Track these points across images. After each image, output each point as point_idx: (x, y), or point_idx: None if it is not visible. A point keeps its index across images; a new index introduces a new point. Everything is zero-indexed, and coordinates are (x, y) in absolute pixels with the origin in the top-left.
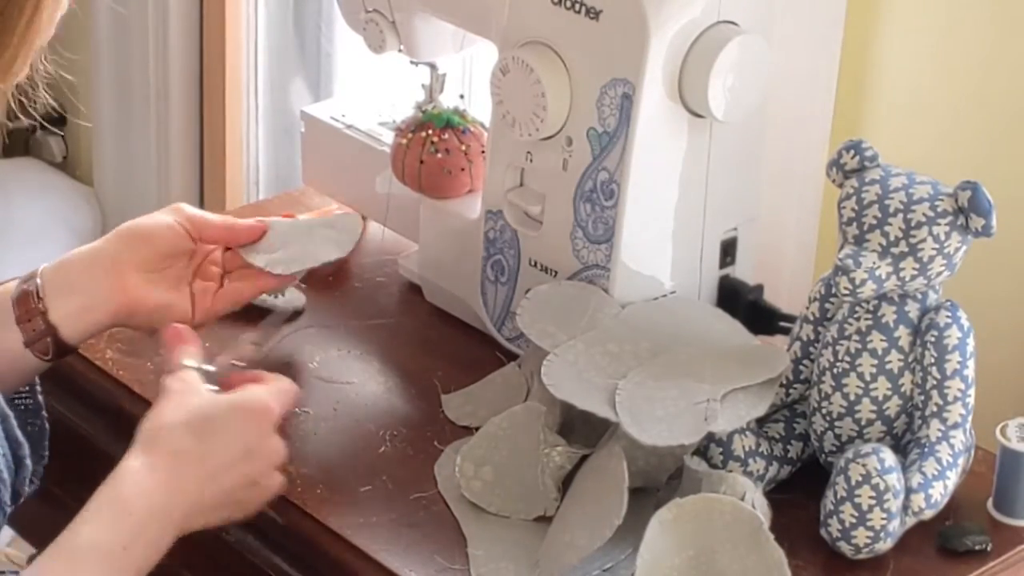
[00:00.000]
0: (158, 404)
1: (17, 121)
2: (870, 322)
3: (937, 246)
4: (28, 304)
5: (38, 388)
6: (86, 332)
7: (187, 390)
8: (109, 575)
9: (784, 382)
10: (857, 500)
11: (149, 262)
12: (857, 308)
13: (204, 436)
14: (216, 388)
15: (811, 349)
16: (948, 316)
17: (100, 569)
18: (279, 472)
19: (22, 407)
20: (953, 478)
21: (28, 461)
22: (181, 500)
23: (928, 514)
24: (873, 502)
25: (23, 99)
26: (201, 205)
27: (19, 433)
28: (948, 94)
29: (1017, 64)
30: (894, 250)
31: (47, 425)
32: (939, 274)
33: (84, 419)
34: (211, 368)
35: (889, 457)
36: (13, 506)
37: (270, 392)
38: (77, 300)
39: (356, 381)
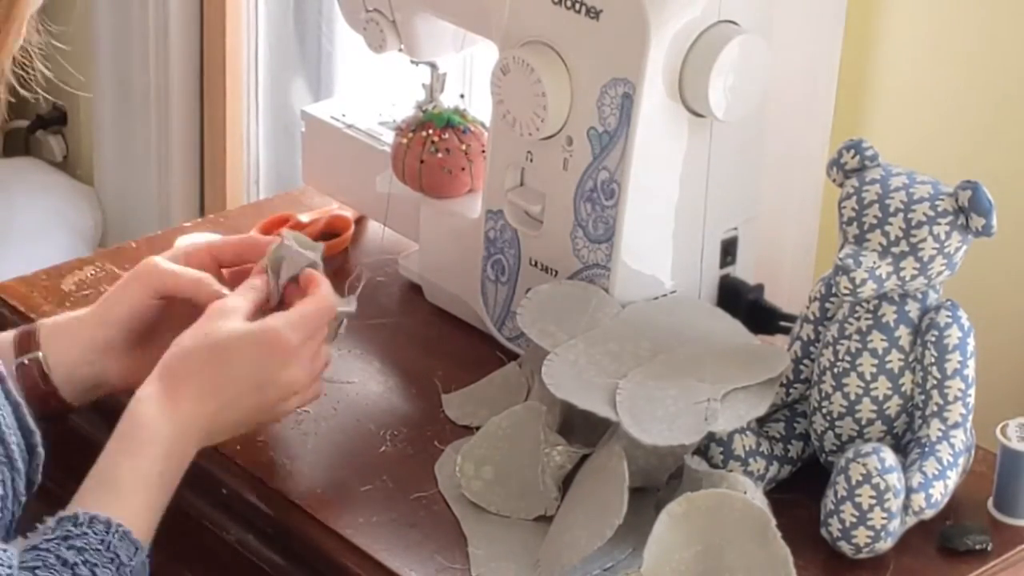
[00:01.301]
0: (186, 332)
1: (17, 120)
2: (870, 322)
3: (937, 246)
4: (32, 378)
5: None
6: (86, 400)
7: (214, 316)
8: (151, 497)
9: (784, 382)
10: (858, 500)
11: (134, 336)
12: (857, 308)
13: (219, 366)
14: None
15: (811, 349)
16: (948, 316)
17: (144, 496)
18: (305, 391)
19: None
20: (953, 478)
21: (40, 449)
22: (198, 424)
23: (928, 514)
24: (873, 502)
25: (23, 93)
26: (201, 205)
27: (31, 421)
28: (948, 94)
29: (1017, 64)
30: (894, 250)
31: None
32: (939, 274)
33: (84, 418)
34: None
35: (889, 457)
36: (28, 495)
37: (290, 322)
38: (79, 385)
39: (356, 381)
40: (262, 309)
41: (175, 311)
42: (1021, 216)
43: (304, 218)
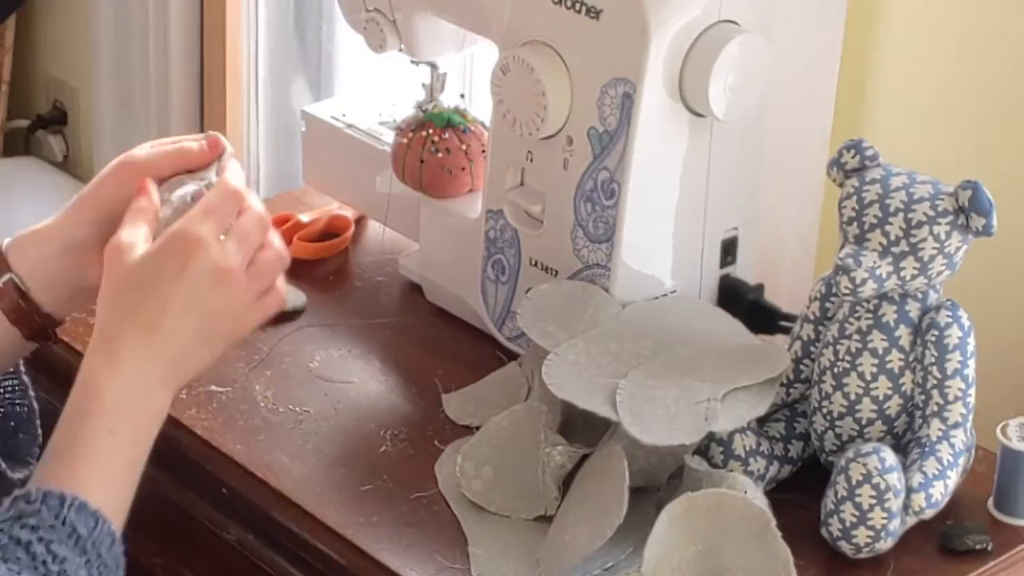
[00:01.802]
0: (102, 284)
1: (17, 120)
2: (871, 321)
3: (938, 245)
4: (11, 299)
5: (22, 369)
6: (71, 308)
7: (114, 254)
8: (108, 461)
9: (785, 381)
10: (858, 499)
11: (110, 232)
12: (858, 307)
13: (141, 297)
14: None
15: (812, 348)
16: (949, 315)
17: (98, 459)
18: (257, 286)
19: (10, 388)
20: (954, 477)
21: (38, 432)
22: (149, 367)
23: (929, 513)
24: (874, 501)
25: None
26: None
27: (34, 402)
28: (948, 93)
29: (1017, 63)
30: (895, 249)
31: (35, 404)
32: (940, 273)
33: None
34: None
35: (890, 456)
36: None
37: (191, 217)
38: (62, 292)
39: (357, 380)
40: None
41: None
42: (1021, 216)
43: (304, 218)
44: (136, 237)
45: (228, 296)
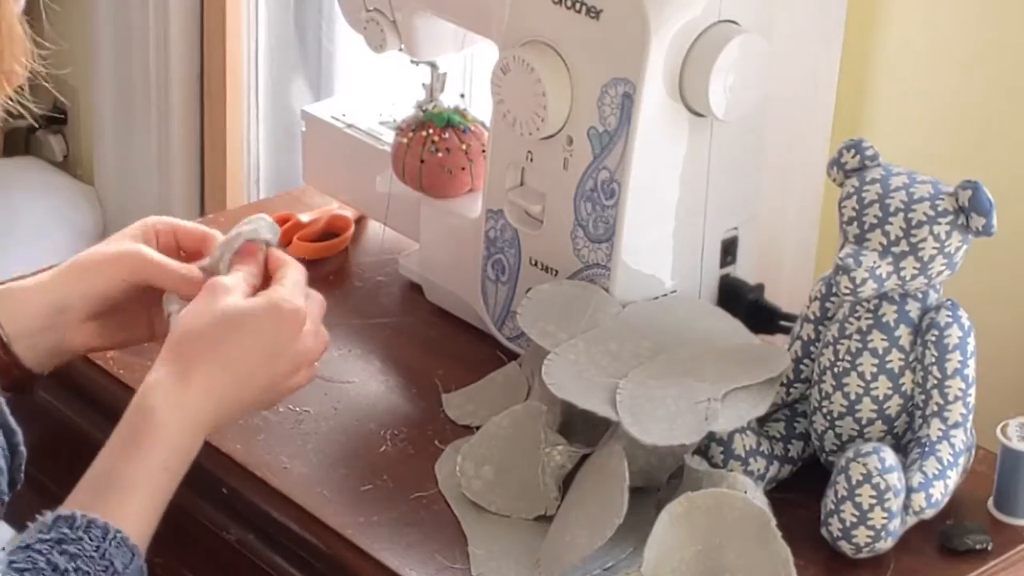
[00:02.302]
0: (187, 311)
1: (17, 120)
2: (871, 321)
3: (938, 245)
4: None
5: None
6: (51, 365)
7: (217, 292)
8: (154, 495)
9: (785, 381)
10: (858, 499)
11: (100, 308)
12: (858, 307)
13: (232, 339)
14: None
15: (812, 348)
16: (949, 315)
17: (147, 496)
18: (308, 368)
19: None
20: (954, 477)
21: (23, 448)
22: (212, 405)
23: (929, 513)
24: (874, 501)
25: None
26: (201, 204)
27: (12, 420)
28: (949, 93)
29: (1018, 63)
30: (895, 249)
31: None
32: (940, 273)
33: (85, 418)
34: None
35: (890, 456)
36: (11, 493)
37: (290, 290)
38: (42, 349)
39: (357, 380)
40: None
41: (146, 292)
42: (1021, 216)
43: (304, 218)
44: (238, 282)
45: (299, 370)
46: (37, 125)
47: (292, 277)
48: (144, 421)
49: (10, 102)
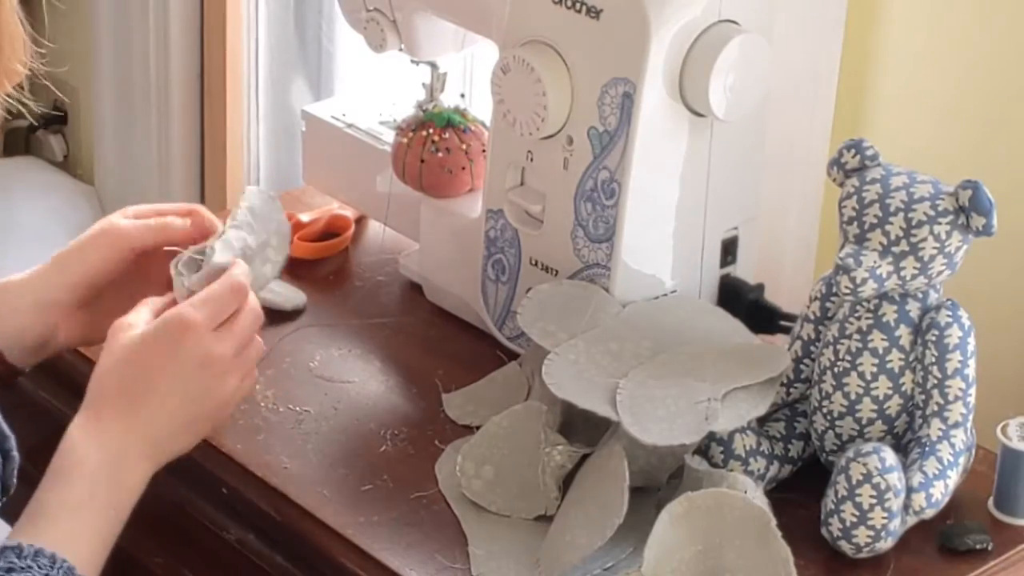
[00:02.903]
0: (100, 356)
1: (17, 120)
2: (871, 321)
3: (938, 245)
4: None
5: None
6: (35, 361)
7: (115, 332)
8: (87, 524)
9: (785, 381)
10: (858, 499)
11: (86, 296)
12: (858, 307)
13: (133, 374)
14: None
15: (812, 348)
16: (949, 315)
17: (78, 524)
18: (238, 371)
19: None
20: (954, 477)
21: (15, 454)
22: (135, 437)
23: (929, 513)
24: (874, 501)
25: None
26: (202, 204)
27: (5, 426)
28: (949, 93)
29: (1018, 63)
30: (895, 249)
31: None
32: (940, 273)
33: None
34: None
35: (890, 456)
36: (4, 498)
37: (191, 303)
38: (27, 345)
39: (357, 380)
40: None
41: (127, 271)
42: (1021, 215)
43: (304, 218)
44: (139, 319)
45: (214, 381)
46: (36, 124)
47: (204, 291)
48: (68, 457)
49: (9, 100)
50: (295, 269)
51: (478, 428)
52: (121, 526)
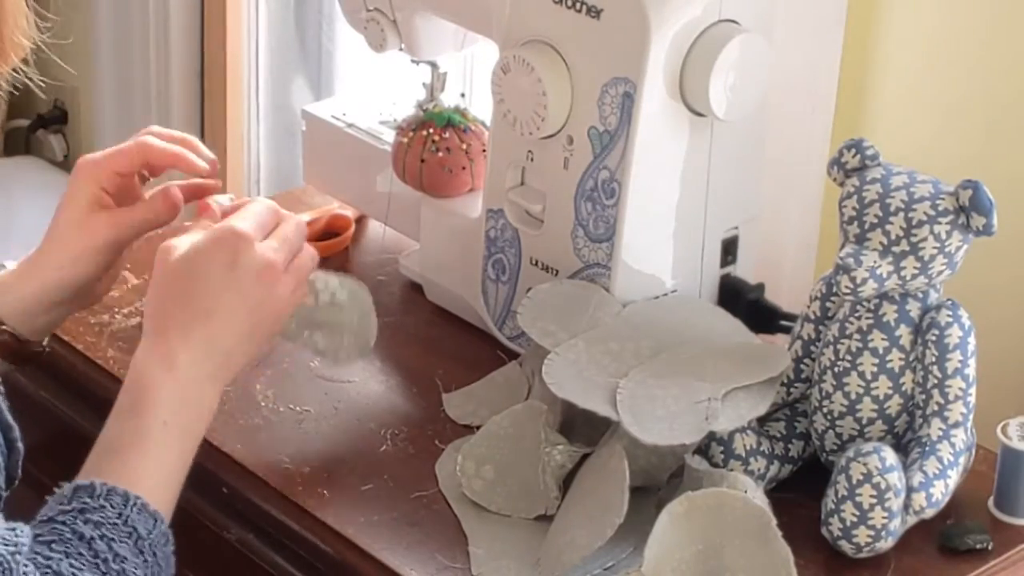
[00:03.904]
0: (150, 285)
1: (18, 120)
2: (871, 321)
3: (938, 245)
4: None
5: None
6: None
7: (164, 254)
8: (160, 454)
9: (785, 381)
10: (858, 499)
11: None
12: (858, 307)
13: (197, 288)
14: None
15: (812, 348)
16: (949, 315)
17: (153, 456)
18: (292, 283)
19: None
20: (954, 477)
21: (20, 444)
22: (201, 354)
23: (929, 513)
24: (874, 501)
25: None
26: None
27: (9, 416)
28: (949, 92)
29: (1018, 63)
30: (895, 249)
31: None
32: (940, 273)
33: (85, 418)
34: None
35: (890, 456)
36: (8, 490)
37: (236, 218)
38: (42, 324)
39: (357, 380)
40: None
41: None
42: (1021, 216)
43: (305, 217)
44: (184, 241)
45: (272, 291)
46: (47, 99)
47: (244, 209)
48: (134, 388)
49: (15, 74)
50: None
51: (478, 428)
52: (194, 453)
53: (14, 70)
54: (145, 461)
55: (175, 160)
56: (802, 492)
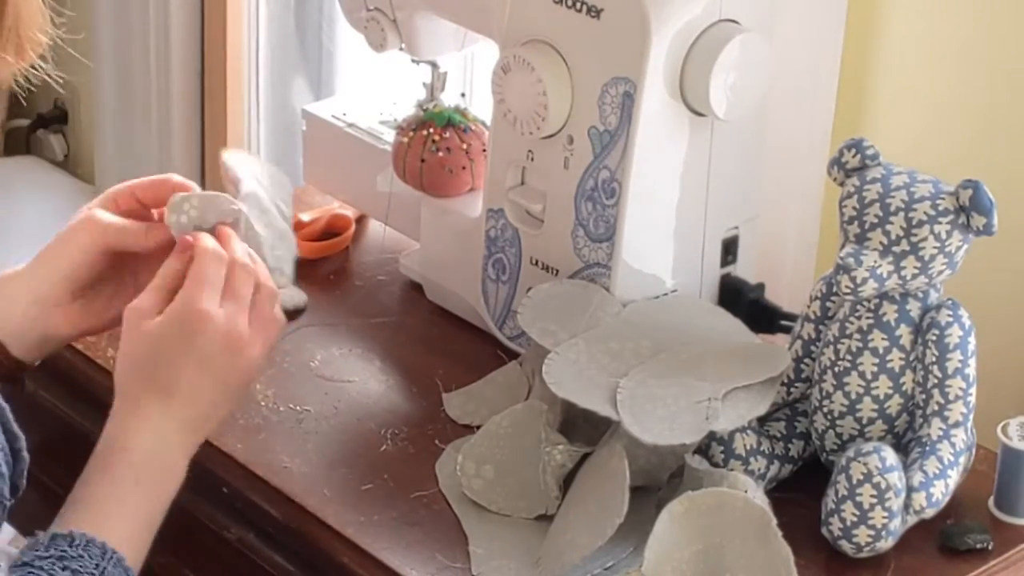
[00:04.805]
0: (120, 346)
1: (18, 120)
2: (871, 321)
3: (938, 245)
4: None
5: None
6: (40, 355)
7: (129, 319)
8: (132, 514)
9: (785, 381)
10: (858, 499)
11: (74, 288)
12: (858, 307)
13: (161, 364)
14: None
15: (812, 348)
16: (949, 314)
17: (119, 512)
18: (260, 341)
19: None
20: (954, 477)
21: (25, 454)
22: (173, 423)
23: (929, 513)
24: (874, 501)
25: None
26: None
27: (15, 426)
28: (949, 92)
29: (1018, 62)
30: (895, 249)
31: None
32: (940, 272)
33: (85, 418)
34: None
35: (890, 456)
36: (12, 500)
37: (192, 294)
38: (29, 340)
39: (357, 380)
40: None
41: (119, 260)
42: (1021, 216)
43: (305, 217)
44: (152, 303)
45: (238, 358)
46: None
47: (191, 274)
48: (110, 448)
49: (34, 70)
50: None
51: (478, 428)
52: (162, 516)
53: (32, 66)
54: (117, 519)
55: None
56: (802, 492)
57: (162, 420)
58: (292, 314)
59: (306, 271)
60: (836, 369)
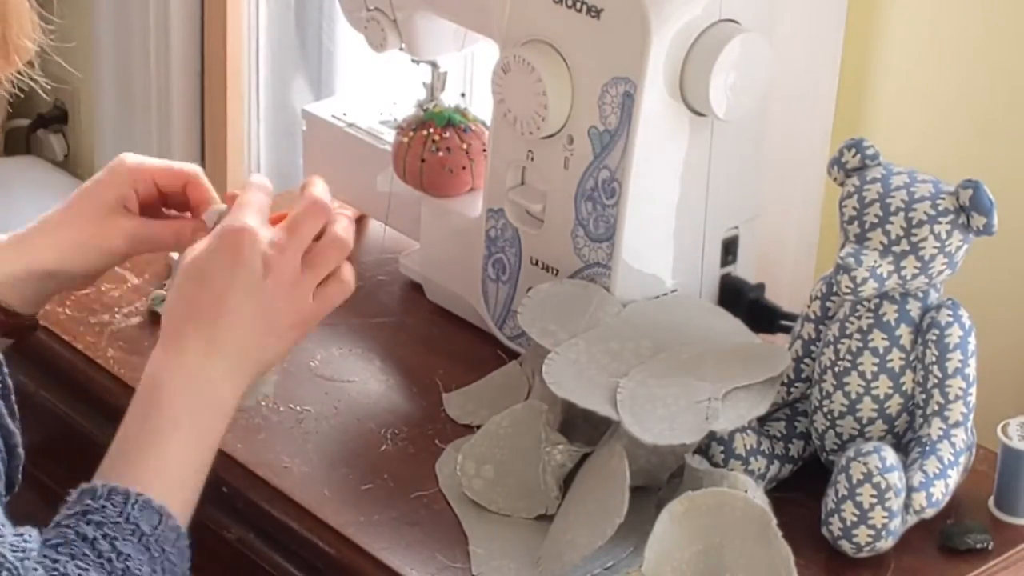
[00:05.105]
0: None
1: (18, 119)
2: (871, 320)
3: (938, 245)
4: None
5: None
6: (36, 299)
7: (180, 261)
8: (172, 455)
9: (785, 380)
10: (858, 499)
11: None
12: (858, 306)
13: (202, 290)
14: None
15: (812, 348)
16: (949, 314)
17: (156, 455)
18: (314, 275)
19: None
20: (954, 476)
21: (20, 450)
22: (216, 357)
23: (929, 513)
24: (874, 500)
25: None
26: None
27: (10, 422)
28: (949, 92)
29: (1019, 62)
30: (895, 248)
31: (10, 381)
32: (940, 272)
33: (85, 418)
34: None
35: (890, 455)
36: (8, 496)
37: (236, 213)
38: (30, 293)
39: (357, 379)
40: None
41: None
42: (1021, 216)
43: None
44: (200, 244)
45: (282, 284)
46: (48, 99)
47: (240, 198)
48: (146, 389)
49: (20, 77)
50: None
51: (478, 428)
52: (213, 452)
53: (18, 72)
54: (157, 462)
55: (209, 201)
56: (802, 492)
57: (203, 352)
58: None
59: None
60: (836, 369)
